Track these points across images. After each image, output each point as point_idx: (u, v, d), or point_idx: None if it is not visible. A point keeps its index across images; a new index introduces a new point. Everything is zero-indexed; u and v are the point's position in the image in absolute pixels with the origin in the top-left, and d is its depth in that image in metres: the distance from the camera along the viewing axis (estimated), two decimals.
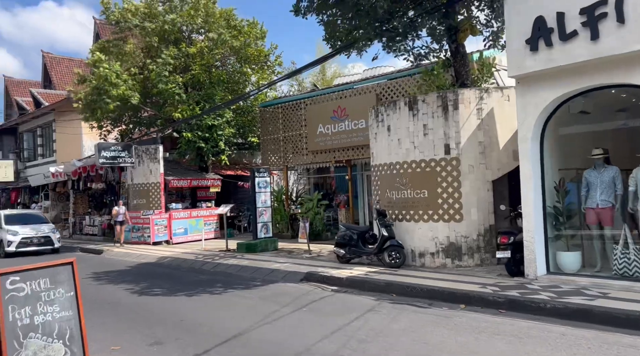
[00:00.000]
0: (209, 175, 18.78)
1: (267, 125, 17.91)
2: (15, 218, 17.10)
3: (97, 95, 15.67)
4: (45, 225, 17.17)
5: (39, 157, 29.51)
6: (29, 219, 17.33)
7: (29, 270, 4.17)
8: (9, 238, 15.88)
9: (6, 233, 16.01)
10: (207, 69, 17.85)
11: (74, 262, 4.43)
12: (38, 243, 16.19)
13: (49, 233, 16.61)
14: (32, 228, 16.41)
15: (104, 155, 16.73)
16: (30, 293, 4.10)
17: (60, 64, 37.45)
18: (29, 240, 16.06)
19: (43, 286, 4.18)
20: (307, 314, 6.76)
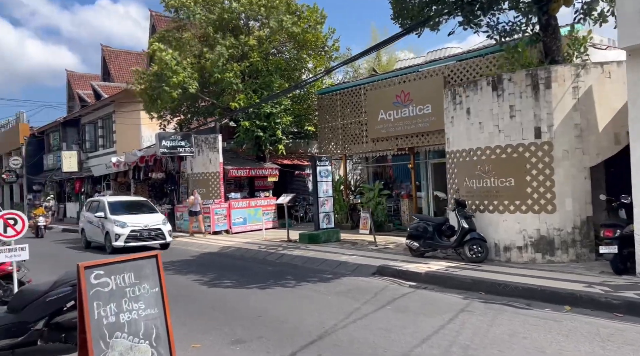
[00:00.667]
0: (267, 165, 18.51)
1: (325, 112, 17.39)
2: (122, 206, 14.96)
3: (157, 83, 15.62)
4: (154, 214, 14.91)
5: (100, 148, 30.39)
6: (136, 207, 15.25)
7: (114, 264, 3.83)
8: (117, 231, 13.64)
9: (113, 225, 13.83)
10: (264, 56, 17.49)
11: (159, 254, 4.06)
12: (148, 237, 13.89)
13: (160, 224, 14.23)
14: (141, 219, 14.16)
15: (164, 144, 16.77)
16: (115, 289, 3.76)
17: (118, 57, 38.50)
18: (138, 233, 13.75)
19: (128, 281, 3.83)
20: (394, 313, 6.19)
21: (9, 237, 6.60)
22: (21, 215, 6.70)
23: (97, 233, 14.79)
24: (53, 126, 35.71)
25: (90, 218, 15.20)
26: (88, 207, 16.12)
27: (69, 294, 5.10)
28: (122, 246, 13.47)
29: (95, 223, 14.75)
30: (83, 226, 15.97)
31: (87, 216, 15.66)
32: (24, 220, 6.71)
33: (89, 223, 15.41)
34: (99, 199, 15.87)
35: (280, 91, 16.37)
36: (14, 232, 6.62)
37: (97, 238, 14.90)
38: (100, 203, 15.07)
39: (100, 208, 14.71)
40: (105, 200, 15.00)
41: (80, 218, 16.68)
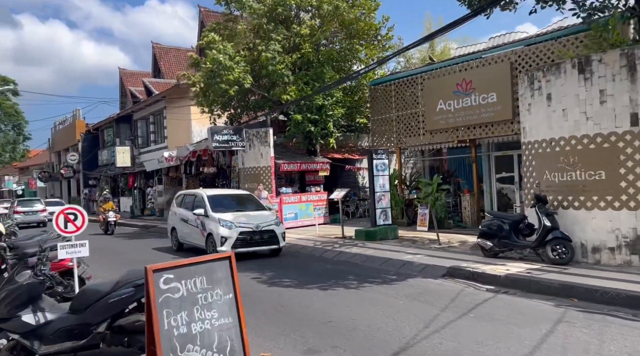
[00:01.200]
0: (318, 159, 18.05)
1: (378, 104, 16.70)
2: (224, 201, 12.42)
3: (211, 78, 15.43)
4: (263, 212, 12.25)
5: (152, 143, 30.93)
6: (240, 203, 12.71)
7: (184, 266, 3.40)
8: (223, 233, 10.98)
9: (217, 225, 11.17)
10: (315, 47, 16.99)
11: (232, 255, 3.61)
12: (260, 241, 11.19)
13: (272, 225, 11.42)
14: (248, 217, 11.52)
15: (217, 138, 16.62)
16: (185, 295, 3.34)
17: (168, 53, 39.14)
18: (248, 236, 11.06)
19: (199, 286, 3.40)
20: (479, 322, 5.54)
21: (70, 232, 6.41)
22: (81, 210, 6.50)
23: (194, 235, 12.22)
24: (107, 122, 36.75)
25: (185, 216, 12.72)
26: (180, 202, 13.64)
27: (132, 295, 4.78)
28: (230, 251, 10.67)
29: (193, 222, 12.23)
30: (174, 225, 13.42)
31: (179, 213, 13.14)
32: (84, 216, 6.50)
33: (182, 222, 12.88)
34: (194, 192, 13.26)
35: (333, 83, 15.82)
36: (74, 228, 6.43)
37: (193, 241, 12.29)
38: (197, 197, 12.56)
39: (197, 204, 12.24)
40: (203, 194, 12.36)
41: (169, 216, 14.13)
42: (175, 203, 14.08)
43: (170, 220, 14.02)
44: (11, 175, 58.00)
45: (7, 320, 4.62)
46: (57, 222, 6.29)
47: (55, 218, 6.30)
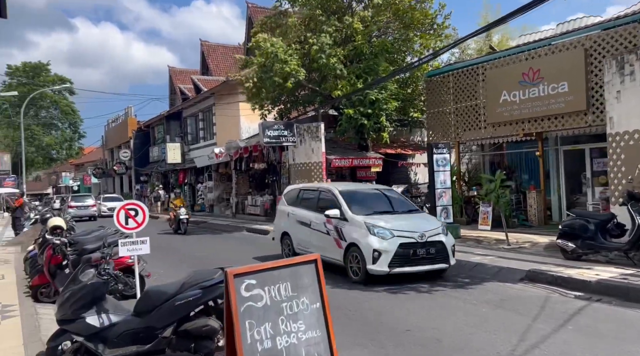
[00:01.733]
0: (370, 154, 17.48)
1: (434, 96, 15.93)
2: (365, 200, 9.22)
3: (264, 73, 15.15)
4: (421, 214, 9.27)
5: (201, 140, 31.25)
6: (385, 201, 9.29)
7: (267, 271, 2.98)
8: (376, 244, 7.68)
9: (365, 233, 7.92)
10: (368, 38, 16.40)
11: (318, 258, 3.16)
12: (427, 257, 7.71)
13: (439, 233, 8.03)
14: (407, 222, 8.20)
15: (268, 134, 16.36)
16: (269, 304, 2.91)
17: (215, 51, 39.54)
18: (411, 249, 7.64)
19: (284, 294, 2.96)
20: (584, 337, 4.85)
21: (130, 229, 6.19)
22: (142, 206, 6.26)
23: (322, 244, 8.74)
24: (157, 120, 37.54)
25: (305, 218, 9.46)
26: (294, 199, 10.31)
27: (199, 298, 4.44)
28: (386, 272, 7.54)
29: (320, 227, 8.90)
30: (286, 229, 10.18)
31: (296, 214, 9.88)
32: (145, 212, 6.27)
33: (301, 226, 9.58)
34: (318, 187, 10.04)
35: (387, 75, 15.19)
36: (135, 224, 6.19)
37: (321, 252, 7.39)
38: (324, 193, 9.36)
39: (325, 202, 9.07)
40: (334, 189, 9.09)
41: (278, 217, 10.93)
42: (285, 200, 10.76)
43: (279, 222, 10.78)
44: (67, 171, 60.70)
45: (71, 322, 4.39)
46: (118, 218, 6.08)
47: (116, 215, 6.09)
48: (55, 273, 7.35)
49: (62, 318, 4.43)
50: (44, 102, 49.55)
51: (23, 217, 18.12)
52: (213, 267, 4.71)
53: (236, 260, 10.05)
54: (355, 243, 7.98)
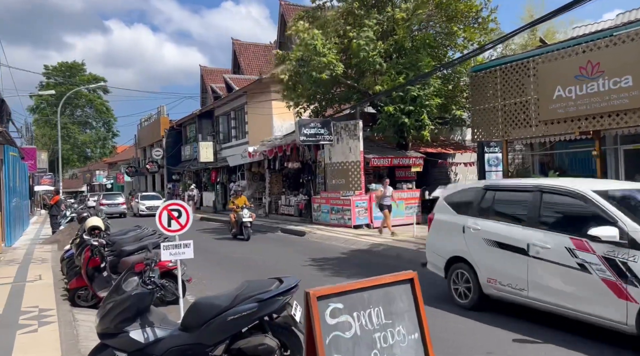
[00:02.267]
0: (410, 153, 16.78)
1: (480, 93, 15.08)
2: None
3: (301, 67, 14.65)
4: None
5: (233, 139, 31.11)
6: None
7: (355, 292, 2.43)
8: None
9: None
10: (409, 32, 15.71)
11: (415, 277, 2.58)
12: None
13: None
14: None
15: (305, 132, 15.88)
16: (359, 335, 2.37)
17: (247, 49, 39.44)
18: None
19: (376, 321, 2.42)
20: None
21: (173, 231, 5.75)
22: (185, 207, 5.81)
23: (568, 289, 5.28)
24: (189, 119, 37.66)
25: (513, 238, 5.92)
26: (473, 206, 6.71)
27: (254, 312, 3.92)
28: None
29: (550, 256, 5.45)
30: (463, 253, 6.61)
31: (487, 230, 6.31)
32: (189, 213, 5.82)
33: (501, 251, 6.07)
34: (537, 184, 6.03)
35: (431, 70, 14.48)
36: (178, 226, 5.75)
37: (565, 301, 5.29)
38: (553, 196, 5.77)
39: (558, 212, 5.81)
40: (589, 192, 5.37)
41: (438, 232, 7.29)
42: (449, 205, 7.15)
43: (439, 240, 7.18)
44: (101, 170, 61.87)
45: (114, 336, 3.95)
46: (160, 220, 5.65)
47: (159, 216, 5.66)
48: (93, 276, 7.01)
49: (103, 331, 4.00)
50: (80, 101, 50.57)
51: (59, 214, 18.16)
52: (260, 272, 4.20)
53: (285, 267, 9.62)
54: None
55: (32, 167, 26.47)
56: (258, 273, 9.07)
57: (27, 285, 8.29)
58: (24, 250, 13.93)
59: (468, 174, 20.28)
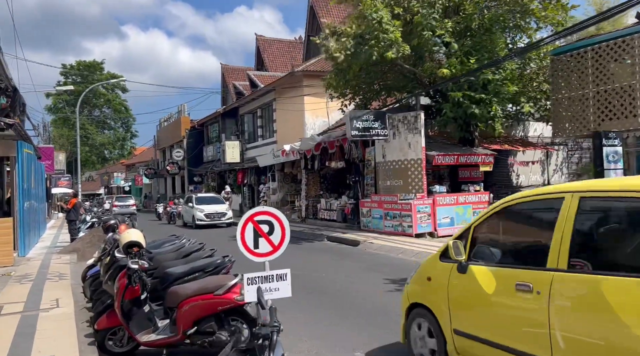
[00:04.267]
0: (478, 150, 14.60)
1: (562, 79, 12.90)
2: None
3: (359, 46, 12.55)
4: None
5: (259, 138, 29.24)
6: None
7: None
8: None
9: None
10: (479, 9, 13.58)
11: None
12: None
13: None
14: None
15: (356, 125, 13.81)
16: None
17: (271, 46, 37.68)
18: None
19: None
20: None
21: (262, 255, 3.71)
22: (279, 217, 3.77)
23: None
24: (212, 118, 35.92)
25: None
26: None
27: None
28: None
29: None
30: None
31: None
32: (284, 226, 3.78)
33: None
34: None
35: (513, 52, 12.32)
36: (270, 247, 3.71)
37: None
38: None
39: None
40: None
41: None
42: None
43: None
44: (119, 172, 60.52)
45: None
46: (244, 238, 3.61)
47: (241, 232, 3.62)
48: (130, 312, 5.01)
49: None
50: (98, 101, 49.16)
51: (78, 219, 16.32)
52: (345, 301, 2.14)
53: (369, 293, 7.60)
54: None
55: (49, 168, 24.83)
56: (343, 303, 7.06)
57: (41, 316, 6.34)
58: (39, 261, 12.08)
59: (531, 175, 18.06)
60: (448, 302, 3.90)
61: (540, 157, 18.00)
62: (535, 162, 17.91)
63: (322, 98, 23.39)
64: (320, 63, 24.56)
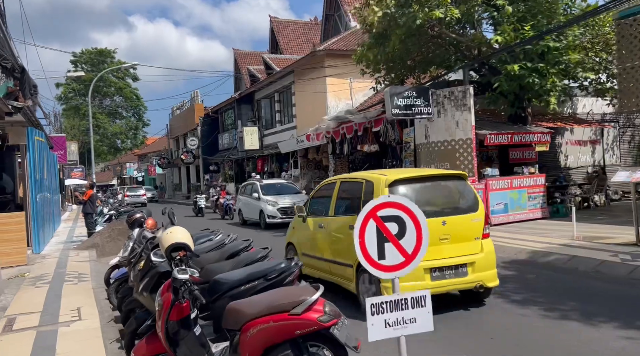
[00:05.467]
0: (533, 128, 13.20)
1: (631, 46, 11.42)
2: None
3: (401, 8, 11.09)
4: None
5: (277, 124, 28.00)
6: None
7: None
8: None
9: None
10: None
11: None
12: None
13: None
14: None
15: (397, 103, 12.44)
16: None
17: (286, 27, 36.23)
18: None
19: None
20: None
21: (390, 269, 2.46)
22: (412, 210, 2.50)
23: None
24: (226, 104, 34.69)
25: None
26: None
27: None
28: None
29: None
30: None
31: None
32: (420, 223, 2.51)
33: None
34: None
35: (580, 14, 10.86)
36: (401, 258, 2.46)
37: None
38: None
39: None
40: None
41: None
42: None
43: None
44: (131, 162, 59.71)
45: None
46: (364, 244, 2.36)
47: (359, 234, 2.37)
48: (177, 335, 3.82)
49: None
50: (109, 90, 48.05)
51: (94, 212, 15.24)
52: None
53: None
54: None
55: (62, 158, 23.82)
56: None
57: (61, 332, 5.20)
58: (56, 258, 11.02)
59: (580, 155, 16.58)
60: (298, 239, 7.48)
61: (590, 135, 16.51)
62: (587, 142, 16.43)
63: (345, 79, 22.01)
64: (342, 41, 23.12)
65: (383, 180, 5.54)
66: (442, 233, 5.26)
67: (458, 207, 5.73)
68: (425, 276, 5.20)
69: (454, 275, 5.38)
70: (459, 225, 5.49)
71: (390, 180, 5.52)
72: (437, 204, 5.73)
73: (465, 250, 5.45)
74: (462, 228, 5.50)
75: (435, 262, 5.24)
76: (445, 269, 5.35)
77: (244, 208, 17.61)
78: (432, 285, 5.09)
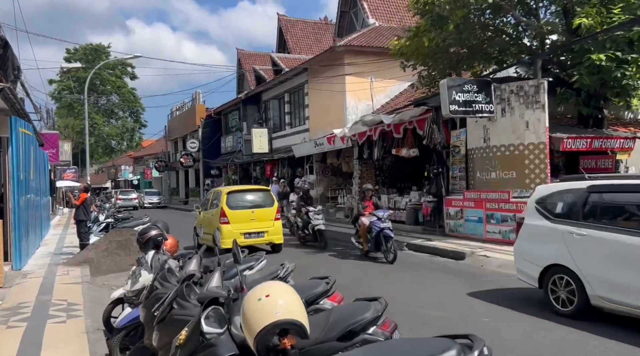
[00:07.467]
0: (614, 133, 11.25)
1: None
2: None
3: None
4: None
5: (287, 127, 25.96)
6: None
7: None
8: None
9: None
10: None
11: None
12: None
13: None
14: None
15: (456, 98, 10.45)
16: None
17: (294, 26, 34.47)
18: None
19: None
20: None
21: None
22: None
23: None
24: (231, 105, 32.66)
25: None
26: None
27: None
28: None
29: None
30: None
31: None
32: None
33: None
34: None
35: None
36: None
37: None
38: None
39: None
40: None
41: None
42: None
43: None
44: (126, 165, 57.30)
45: None
46: None
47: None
48: None
49: None
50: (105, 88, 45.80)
51: (89, 218, 12.97)
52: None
53: None
54: None
55: (53, 157, 21.57)
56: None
57: None
58: (40, 278, 8.85)
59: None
60: (202, 223, 12.23)
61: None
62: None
63: (366, 79, 20.09)
64: (363, 37, 21.23)
65: (225, 190, 11.80)
66: (252, 216, 11.16)
67: (262, 204, 11.64)
68: (240, 236, 10.55)
69: (257, 236, 11.17)
70: (262, 213, 11.37)
71: (227, 191, 11.79)
72: (251, 202, 11.61)
73: (265, 225, 11.27)
74: (263, 214, 11.35)
75: (247, 230, 10.99)
76: (252, 233, 11.09)
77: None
78: (245, 241, 10.62)
